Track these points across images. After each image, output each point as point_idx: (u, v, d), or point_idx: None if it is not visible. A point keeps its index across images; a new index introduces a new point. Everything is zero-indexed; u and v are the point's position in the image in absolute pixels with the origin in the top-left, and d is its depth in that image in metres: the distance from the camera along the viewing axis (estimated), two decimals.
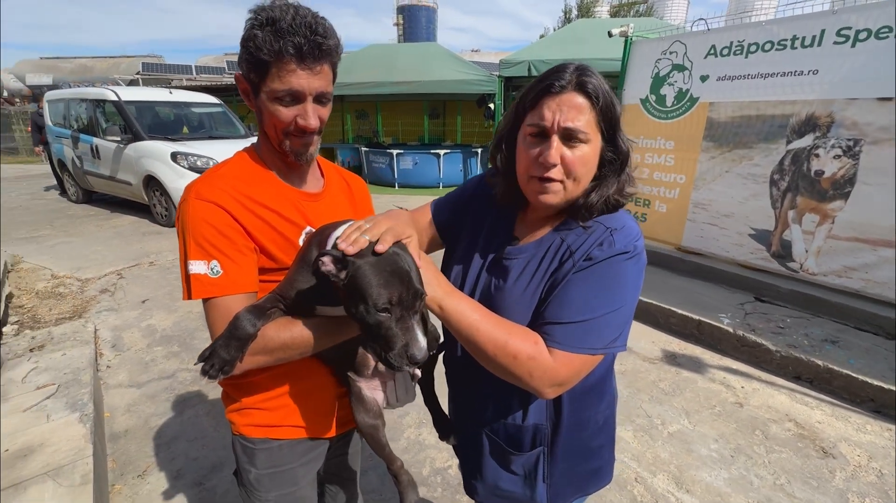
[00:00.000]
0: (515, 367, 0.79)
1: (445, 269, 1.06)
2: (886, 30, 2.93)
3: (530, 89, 0.84)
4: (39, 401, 2.26)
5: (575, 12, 21.33)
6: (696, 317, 3.40)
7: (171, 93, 7.56)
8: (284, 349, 0.84)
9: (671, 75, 4.19)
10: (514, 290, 0.89)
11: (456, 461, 2.23)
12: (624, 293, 0.82)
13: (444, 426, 1.15)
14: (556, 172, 0.81)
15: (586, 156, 0.81)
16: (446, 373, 1.10)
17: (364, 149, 10.49)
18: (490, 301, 0.90)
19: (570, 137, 0.79)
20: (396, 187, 9.79)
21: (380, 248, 0.72)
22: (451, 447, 2.29)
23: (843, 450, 2.29)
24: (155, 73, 18.13)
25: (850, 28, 3.08)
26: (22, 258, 5.09)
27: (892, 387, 2.53)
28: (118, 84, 11.55)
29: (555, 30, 17.16)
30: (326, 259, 0.73)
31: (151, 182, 6.25)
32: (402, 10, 40.72)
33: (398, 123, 13.17)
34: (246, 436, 1.02)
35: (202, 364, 0.79)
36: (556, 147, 0.80)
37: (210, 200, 0.87)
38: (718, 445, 2.34)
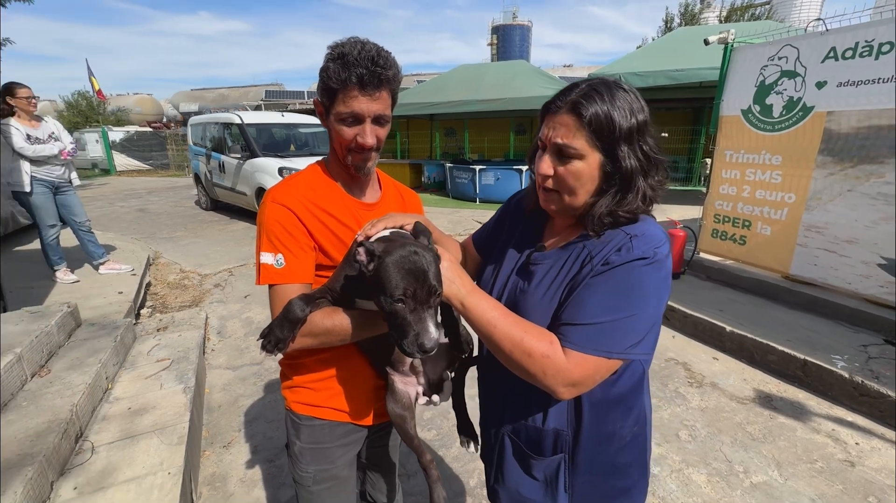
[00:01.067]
0: (530, 365, 0.81)
1: (478, 275, 1.12)
2: None
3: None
4: (157, 372, 2.71)
5: (677, 20, 19.87)
6: (801, 355, 2.95)
7: (282, 115, 8.61)
8: (327, 334, 0.96)
9: (779, 83, 3.76)
10: (536, 293, 0.92)
11: None
12: (642, 299, 0.81)
13: (467, 431, 1.18)
14: (549, 183, 0.88)
15: (579, 170, 0.84)
16: (477, 373, 1.14)
17: (448, 165, 10.85)
18: (515, 304, 0.94)
19: (560, 153, 0.85)
20: (478, 202, 9.95)
21: (371, 231, 0.86)
22: None
23: None
24: (275, 99, 20.79)
25: None
26: (161, 254, 6.12)
27: None
28: (245, 109, 13.41)
29: (653, 40, 16.23)
30: (361, 250, 0.83)
31: (261, 193, 7.14)
32: (496, 30, 41.62)
33: (484, 140, 13.42)
34: (294, 412, 1.16)
35: (262, 340, 0.93)
36: (545, 160, 0.87)
37: (283, 204, 1.02)
38: None
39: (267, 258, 1.00)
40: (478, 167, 9.80)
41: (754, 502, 2.03)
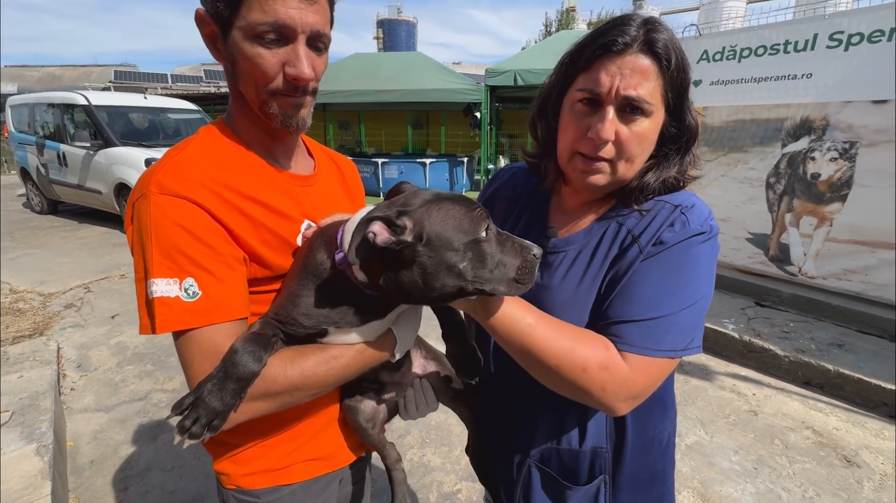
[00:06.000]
0: (585, 381, 0.64)
1: None
2: (879, 34, 2.96)
3: (585, 45, 0.70)
4: None
5: (555, 26, 21.87)
6: None
7: (145, 98, 7.25)
8: (292, 391, 0.68)
9: None
10: (565, 288, 0.76)
11: (466, 484, 2.04)
12: (703, 282, 0.70)
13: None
14: (606, 151, 0.69)
15: (645, 132, 0.69)
16: (479, 391, 0.94)
17: (350, 158, 10.30)
18: (535, 302, 0.75)
19: (629, 109, 0.67)
20: (382, 197, 9.61)
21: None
22: (458, 469, 2.11)
23: (866, 459, 2.20)
24: (128, 81, 17.59)
25: (842, 32, 3.11)
26: None
27: None
28: (87, 90, 11.11)
29: (535, 43, 17.53)
30: (378, 227, 0.56)
31: (124, 190, 5.90)
32: (381, 24, 41.03)
33: (381, 134, 13.06)
34: (245, 489, 0.81)
35: (180, 418, 0.59)
36: (611, 121, 0.67)
37: (181, 195, 0.65)
38: (739, 457, 2.22)
39: (166, 288, 0.63)
40: (380, 161, 9.47)
41: (693, 462, 2.18)
